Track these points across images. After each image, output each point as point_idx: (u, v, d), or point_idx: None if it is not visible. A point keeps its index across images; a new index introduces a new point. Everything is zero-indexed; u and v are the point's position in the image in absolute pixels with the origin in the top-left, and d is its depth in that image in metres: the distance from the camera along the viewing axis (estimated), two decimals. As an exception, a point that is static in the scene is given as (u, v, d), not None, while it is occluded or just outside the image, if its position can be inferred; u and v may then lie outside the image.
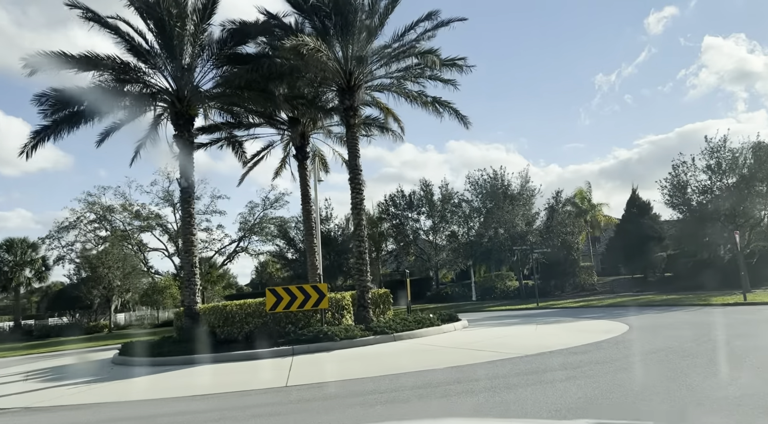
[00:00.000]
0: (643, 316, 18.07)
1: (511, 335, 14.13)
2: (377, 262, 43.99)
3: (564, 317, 19.47)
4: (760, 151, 26.19)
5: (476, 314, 26.74)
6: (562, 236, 35.39)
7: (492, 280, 41.43)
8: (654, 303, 24.60)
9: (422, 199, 43.27)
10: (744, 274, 23.01)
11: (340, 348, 13.04)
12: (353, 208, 16.60)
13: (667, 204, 29.09)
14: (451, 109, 17.89)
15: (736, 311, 18.25)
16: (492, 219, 35.37)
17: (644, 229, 38.63)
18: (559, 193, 36.70)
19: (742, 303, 21.05)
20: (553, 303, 29.59)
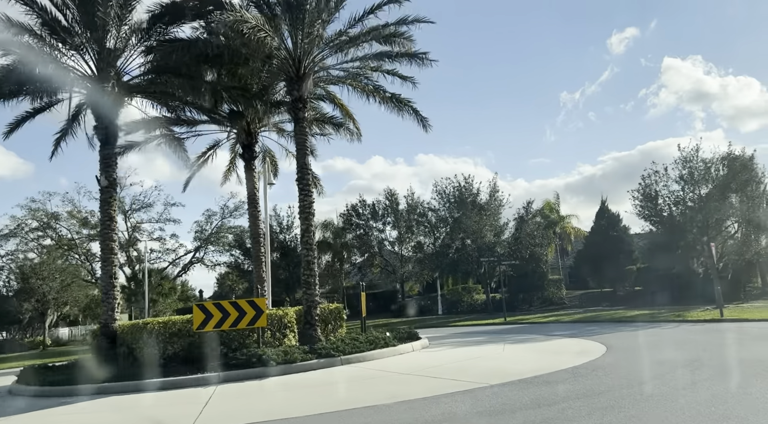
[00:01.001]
0: (618, 334, 16.60)
1: (475, 357, 12.40)
2: (340, 274, 42.01)
3: (533, 335, 17.89)
4: (734, 161, 25.37)
5: (441, 329, 25.04)
6: (531, 247, 34.10)
7: (459, 293, 39.85)
8: (626, 319, 23.30)
9: (387, 209, 41.59)
10: (719, 288, 21.89)
11: (276, 374, 11.11)
12: (301, 211, 14.75)
13: (638, 215, 28.08)
14: (411, 108, 16.26)
15: (716, 328, 16.96)
16: (459, 229, 33.85)
17: (614, 241, 37.71)
18: (530, 203, 35.51)
19: (718, 319, 19.85)
20: (522, 318, 28.10)
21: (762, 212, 25.46)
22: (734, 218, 26.20)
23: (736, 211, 25.57)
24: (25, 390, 11.47)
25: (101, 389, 10.60)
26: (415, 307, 39.39)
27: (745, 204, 25.18)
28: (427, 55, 14.89)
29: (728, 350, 11.52)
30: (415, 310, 38.54)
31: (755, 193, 25.16)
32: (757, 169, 25.35)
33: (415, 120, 16.40)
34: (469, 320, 29.61)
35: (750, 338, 13.77)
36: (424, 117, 16.35)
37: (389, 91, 15.98)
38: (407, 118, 16.54)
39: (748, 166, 25.24)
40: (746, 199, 25.10)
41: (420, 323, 30.39)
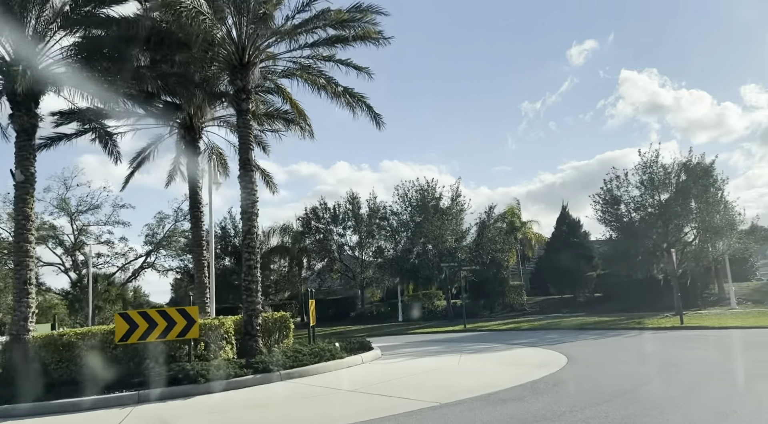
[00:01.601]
0: (579, 343, 15.94)
1: (428, 369, 11.44)
2: (298, 280, 40.65)
3: (493, 343, 17.09)
4: (695, 167, 25.28)
5: (399, 337, 24.09)
6: (492, 253, 33.53)
7: (420, 299, 39.00)
8: (587, 326, 22.82)
9: (348, 213, 40.48)
10: (678, 295, 21.63)
11: (206, 392, 9.88)
12: (243, 211, 13.53)
13: (599, 221, 27.77)
14: (364, 103, 15.28)
15: (677, 336, 16.50)
16: (421, 234, 33.01)
17: (574, 247, 37.58)
18: (492, 208, 34.98)
19: (679, 327, 19.51)
20: (482, 325, 27.41)
21: (719, 218, 25.43)
22: (693, 224, 26.12)
23: (695, 217, 25.48)
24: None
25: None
26: (375, 314, 38.37)
27: (704, 210, 25.11)
28: (382, 34, 13.89)
29: (693, 361, 10.88)
30: (374, 317, 37.52)
31: (714, 199, 25.12)
32: (716, 176, 25.31)
33: (368, 116, 15.43)
34: (429, 327, 28.76)
35: (713, 347, 13.27)
36: (377, 114, 15.41)
37: (341, 85, 14.96)
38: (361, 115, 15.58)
39: (708, 172, 25.20)
40: (705, 205, 25.03)
41: (378, 330, 29.41)
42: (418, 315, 36.45)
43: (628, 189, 26.82)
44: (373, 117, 15.45)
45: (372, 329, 30.19)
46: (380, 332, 28.30)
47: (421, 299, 38.64)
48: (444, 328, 27.50)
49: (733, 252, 27.75)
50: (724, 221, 25.26)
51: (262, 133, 18.86)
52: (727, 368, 10.02)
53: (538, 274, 45.67)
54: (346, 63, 14.89)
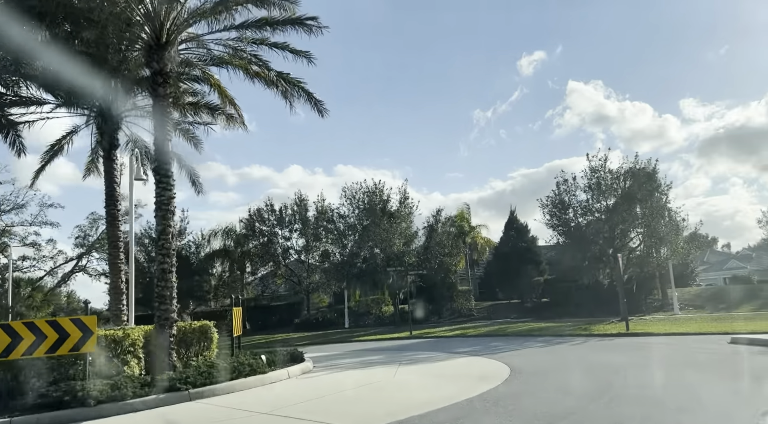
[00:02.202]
0: (524, 352, 15.21)
1: (359, 384, 10.33)
2: (239, 285, 38.85)
3: (435, 352, 16.18)
4: (639, 172, 25.31)
5: (341, 346, 22.96)
6: (440, 257, 32.81)
7: (368, 305, 37.94)
8: (533, 332, 22.30)
9: (295, 216, 39.02)
10: (624, 301, 21.39)
11: (97, 417, 8.47)
12: (157, 208, 12.08)
13: (547, 225, 27.53)
14: (303, 90, 14.10)
15: (623, 344, 16.03)
16: (368, 237, 31.95)
17: (522, 252, 37.39)
18: (440, 211, 34.30)
19: (625, 334, 19.18)
20: (429, 331, 26.57)
21: (664, 224, 25.55)
22: (638, 230, 26.17)
23: (640, 222, 25.50)
24: None
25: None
26: (320, 320, 37.03)
27: (649, 216, 25.15)
28: (317, 20, 12.77)
29: (641, 372, 10.21)
30: (320, 323, 36.17)
31: (658, 204, 25.21)
32: (660, 181, 25.45)
33: (308, 103, 14.24)
34: (375, 334, 27.70)
35: (659, 356, 12.74)
36: (318, 100, 14.25)
37: (275, 70, 13.72)
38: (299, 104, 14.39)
39: (652, 177, 25.28)
40: (650, 211, 25.08)
41: (322, 338, 28.15)
42: (365, 321, 35.43)
43: (576, 194, 26.71)
44: (313, 104, 14.29)
45: (315, 337, 28.89)
46: (323, 339, 27.06)
47: (369, 305, 37.59)
48: (390, 335, 26.50)
49: (677, 258, 27.99)
50: (669, 227, 25.37)
51: (191, 126, 17.40)
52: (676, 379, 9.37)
53: (487, 279, 45.37)
54: (281, 46, 13.68)
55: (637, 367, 10.78)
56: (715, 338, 15.88)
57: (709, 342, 14.66)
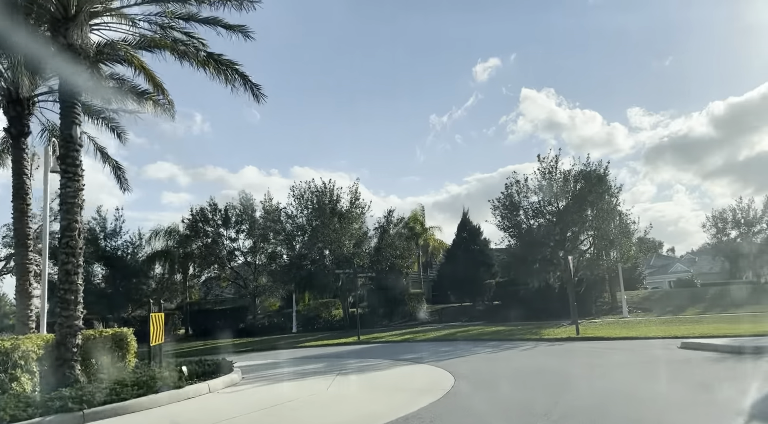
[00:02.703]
0: (472, 358, 14.44)
1: (287, 399, 9.23)
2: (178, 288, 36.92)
3: (380, 359, 15.22)
4: (590, 174, 25.12)
5: (284, 352, 21.71)
6: (392, 259, 31.92)
7: (317, 308, 36.74)
8: (484, 336, 21.68)
9: (242, 216, 37.39)
10: (575, 305, 21.00)
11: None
12: (62, 201, 10.64)
13: (498, 227, 27.04)
14: (237, 72, 12.89)
15: (573, 348, 15.48)
16: (317, 238, 30.73)
17: (474, 254, 36.99)
18: (391, 212, 33.40)
19: (575, 338, 18.71)
20: (378, 336, 25.59)
21: (614, 227, 25.47)
22: (589, 232, 25.99)
23: (591, 224, 25.31)
24: None
25: None
26: (267, 325, 35.58)
27: (600, 218, 24.99)
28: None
29: (594, 383, 9.51)
30: (266, 328, 34.74)
31: (608, 207, 25.08)
32: (610, 183, 25.34)
33: (243, 88, 13.05)
34: (322, 339, 26.51)
35: (611, 364, 12.15)
36: (255, 84, 13.07)
37: (205, 50, 12.48)
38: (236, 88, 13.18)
39: (602, 179, 25.13)
40: (600, 213, 24.91)
41: (265, 343, 26.79)
42: (314, 326, 34.22)
43: (528, 195, 26.32)
44: (249, 88, 13.10)
45: (259, 343, 27.50)
46: (267, 345, 25.69)
47: (318, 309, 36.39)
48: (337, 340, 25.38)
49: (626, 261, 28.03)
50: (620, 230, 25.29)
51: (116, 114, 15.89)
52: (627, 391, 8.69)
53: (440, 281, 44.86)
54: (211, 22, 12.48)
55: (589, 377, 10.10)
56: (665, 342, 15.53)
57: (659, 347, 14.25)
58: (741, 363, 10.52)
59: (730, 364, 10.54)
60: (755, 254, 41.36)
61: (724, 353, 11.92)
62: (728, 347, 12.39)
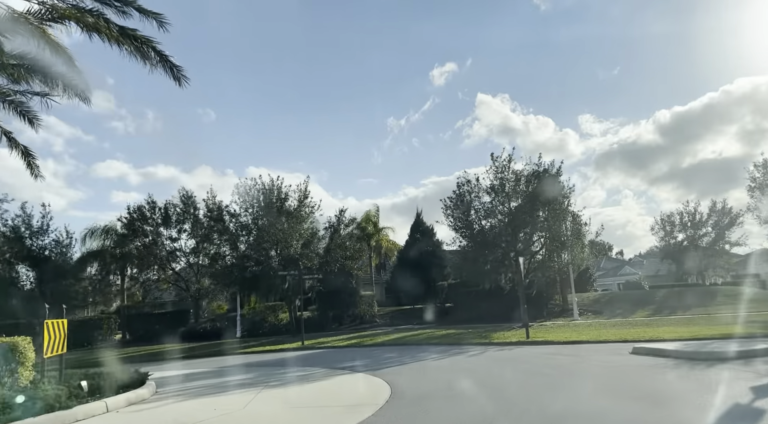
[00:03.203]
0: (416, 365, 13.48)
1: (198, 420, 7.96)
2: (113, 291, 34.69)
3: (317, 367, 14.06)
4: (543, 174, 24.62)
5: (220, 359, 20.29)
6: (342, 261, 30.71)
7: (263, 312, 35.15)
8: (432, 341, 20.81)
9: (183, 214, 35.45)
10: (525, 307, 20.37)
11: None
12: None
13: (449, 227, 26.25)
14: (155, 50, 11.52)
15: (522, 355, 14.71)
16: (263, 238, 29.23)
17: (427, 255, 36.23)
18: (342, 212, 32.17)
19: (525, 342, 18.05)
20: (323, 341, 24.39)
21: (567, 228, 25.07)
22: (540, 233, 25.51)
23: (543, 226, 24.81)
24: None
25: None
26: (209, 329, 33.75)
27: (552, 219, 24.52)
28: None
29: (542, 396, 8.63)
30: (209, 333, 32.91)
31: (561, 208, 24.63)
32: (563, 183, 24.91)
33: (162, 69, 11.68)
34: (265, 345, 25.13)
35: (561, 372, 11.37)
36: (175, 65, 11.73)
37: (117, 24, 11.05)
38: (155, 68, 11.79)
39: (555, 179, 24.68)
40: (552, 214, 24.44)
41: (206, 349, 25.18)
42: (260, 330, 32.66)
43: (480, 195, 25.64)
44: (168, 69, 11.76)
45: (198, 348, 25.86)
46: (206, 351, 24.09)
47: (265, 312, 34.83)
48: (280, 345, 24.04)
49: (578, 263, 27.74)
50: (572, 231, 24.90)
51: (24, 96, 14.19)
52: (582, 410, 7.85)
53: (393, 283, 43.95)
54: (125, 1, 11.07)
55: (534, 390, 9.23)
56: (616, 347, 14.97)
57: (610, 352, 13.62)
58: (694, 371, 9.88)
59: (683, 372, 9.89)
60: (701, 256, 42.20)
61: (676, 360, 11.33)
62: (680, 353, 11.82)
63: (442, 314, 33.19)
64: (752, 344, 12.34)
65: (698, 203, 42.68)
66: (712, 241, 41.75)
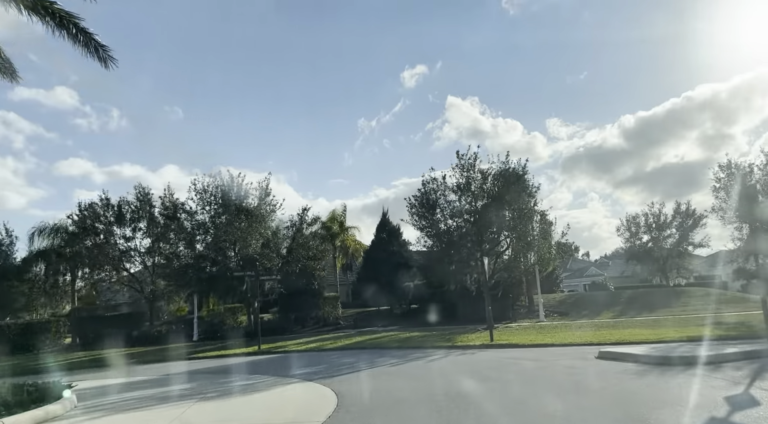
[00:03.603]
0: (371, 372, 12.60)
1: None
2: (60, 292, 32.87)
3: (267, 375, 13.06)
4: (509, 172, 24.02)
5: (169, 365, 19.13)
6: (304, 261, 29.62)
7: (222, 314, 33.81)
8: (394, 344, 19.99)
9: (138, 212, 33.78)
10: (489, 309, 19.68)
11: None
12: None
13: (414, 226, 25.43)
14: (78, 28, 10.33)
15: (484, 360, 13.96)
16: (219, 238, 27.94)
17: (393, 256, 35.36)
18: (305, 210, 31.06)
19: (489, 345, 17.36)
20: (282, 345, 23.30)
21: (532, 228, 24.55)
22: (506, 233, 24.92)
23: (509, 225, 24.21)
24: None
25: None
26: (165, 333, 32.19)
27: (517, 218, 23.94)
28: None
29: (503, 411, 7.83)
30: (164, 336, 31.35)
31: (527, 207, 24.08)
32: (528, 182, 24.36)
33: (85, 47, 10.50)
34: (221, 349, 23.89)
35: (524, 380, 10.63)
36: (101, 45, 10.56)
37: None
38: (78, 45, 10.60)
39: (520, 178, 24.10)
40: (518, 213, 23.86)
41: (158, 354, 23.79)
42: (218, 333, 31.25)
43: (446, 193, 24.90)
44: (93, 50, 10.57)
45: (150, 353, 24.49)
46: (157, 356, 22.70)
47: (224, 315, 33.51)
48: (236, 350, 22.86)
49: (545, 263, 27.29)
50: (539, 231, 24.39)
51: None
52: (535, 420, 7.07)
53: (360, 284, 42.96)
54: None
55: (496, 399, 8.44)
56: (582, 350, 14.36)
57: (576, 357, 12.96)
58: (664, 378, 9.24)
59: (652, 379, 9.23)
60: (665, 258, 42.45)
61: (644, 365, 10.70)
62: (648, 358, 11.22)
63: (408, 316, 32.41)
64: (721, 349, 11.84)
65: (663, 205, 42.90)
66: (676, 242, 42.03)
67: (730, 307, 26.91)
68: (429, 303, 31.37)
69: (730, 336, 15.75)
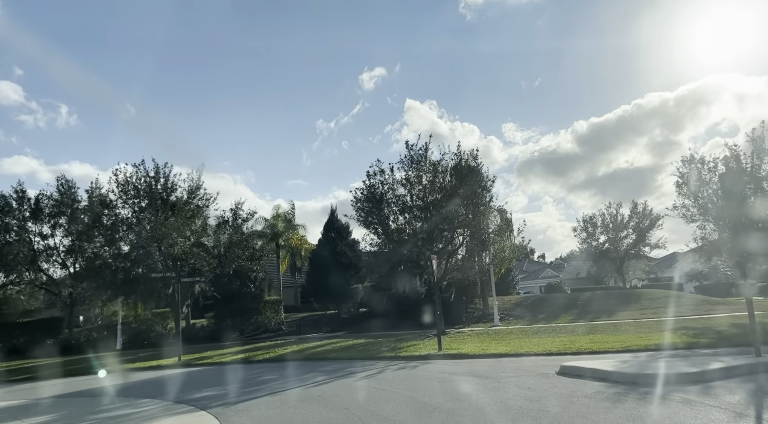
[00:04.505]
0: (288, 394, 10.22)
1: None
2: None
3: (156, 399, 10.57)
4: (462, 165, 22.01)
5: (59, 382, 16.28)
6: (240, 261, 26.93)
7: (150, 320, 30.72)
8: (332, 354, 17.71)
9: (59, 207, 30.40)
10: (438, 314, 17.58)
11: None
12: None
13: (360, 222, 23.12)
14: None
15: (425, 375, 11.75)
16: (141, 235, 24.97)
17: (342, 256, 32.99)
18: (239, 205, 28.32)
19: (436, 355, 15.21)
20: (207, 355, 20.66)
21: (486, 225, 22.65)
22: (460, 230, 22.91)
23: (463, 220, 22.20)
24: None
25: None
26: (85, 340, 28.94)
27: (472, 213, 21.97)
28: None
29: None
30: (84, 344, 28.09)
31: (482, 202, 22.13)
32: (483, 176, 22.37)
33: None
34: (138, 361, 21.05)
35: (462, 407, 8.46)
36: None
37: None
38: None
39: (475, 171, 22.13)
40: (473, 208, 21.89)
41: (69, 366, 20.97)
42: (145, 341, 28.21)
43: (394, 187, 22.70)
44: None
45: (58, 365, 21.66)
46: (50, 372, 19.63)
47: (151, 321, 30.42)
48: (152, 362, 20.12)
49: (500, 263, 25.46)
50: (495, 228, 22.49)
51: None
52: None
53: (308, 287, 40.34)
54: None
55: None
56: (540, 362, 12.35)
57: (533, 372, 10.89)
58: (645, 407, 7.22)
59: (631, 408, 7.19)
60: (621, 258, 41.56)
61: (617, 386, 8.68)
62: (621, 376, 9.24)
63: (356, 321, 30.09)
64: (703, 363, 10.01)
65: (620, 205, 42.00)
66: (632, 243, 41.18)
67: (690, 310, 25.73)
68: (379, 307, 29.17)
69: (701, 344, 14.10)
